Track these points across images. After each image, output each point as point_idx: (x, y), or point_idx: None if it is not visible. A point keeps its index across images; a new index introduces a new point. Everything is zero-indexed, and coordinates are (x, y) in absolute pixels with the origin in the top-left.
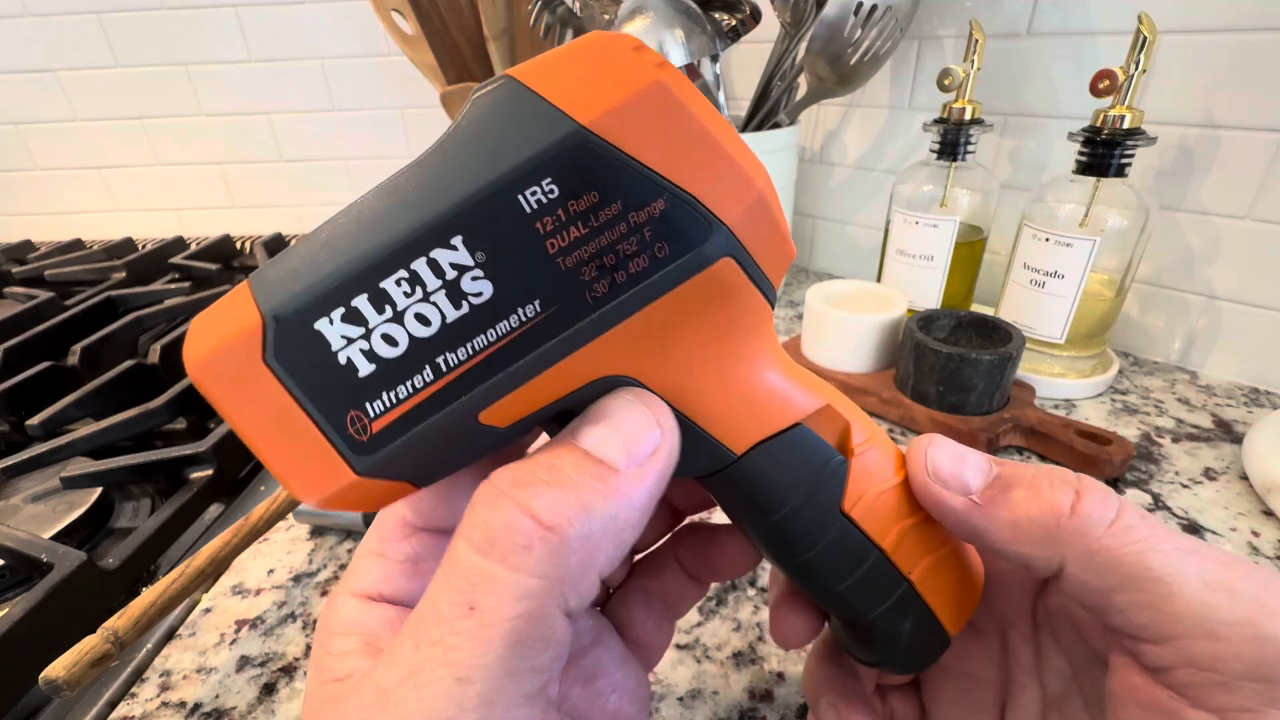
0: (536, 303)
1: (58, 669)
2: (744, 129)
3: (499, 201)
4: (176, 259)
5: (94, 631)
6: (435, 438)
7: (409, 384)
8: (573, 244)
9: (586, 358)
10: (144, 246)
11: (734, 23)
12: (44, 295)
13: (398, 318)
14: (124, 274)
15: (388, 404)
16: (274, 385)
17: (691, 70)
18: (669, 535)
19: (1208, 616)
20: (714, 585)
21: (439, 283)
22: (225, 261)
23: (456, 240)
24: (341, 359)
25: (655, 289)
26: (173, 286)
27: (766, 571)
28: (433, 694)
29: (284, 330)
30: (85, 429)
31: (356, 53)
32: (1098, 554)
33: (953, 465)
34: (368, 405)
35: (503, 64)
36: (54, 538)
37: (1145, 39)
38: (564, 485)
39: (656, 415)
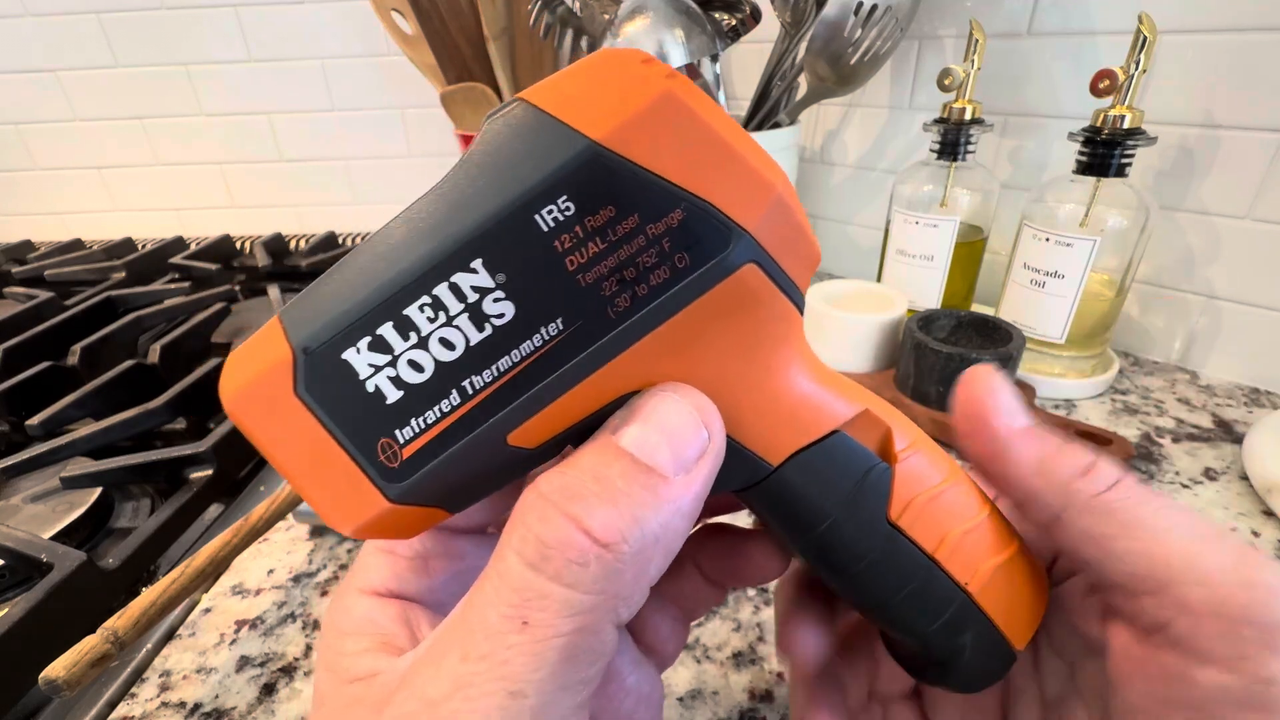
0: (559, 321)
1: (58, 669)
2: (744, 129)
3: (516, 222)
4: (176, 259)
5: (94, 631)
6: (465, 461)
7: (437, 409)
8: (592, 260)
9: (613, 373)
10: (144, 246)
11: (734, 22)
12: (44, 295)
13: (423, 343)
14: (124, 274)
15: (417, 430)
16: (306, 417)
17: (691, 70)
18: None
19: (1197, 564)
20: None
21: (461, 306)
22: (225, 261)
23: (476, 263)
24: (370, 387)
25: (678, 300)
26: (173, 286)
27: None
28: (485, 706)
29: (313, 362)
30: (85, 429)
31: (356, 53)
32: (1097, 506)
33: (1013, 399)
34: (397, 432)
35: (503, 64)
36: (54, 538)
37: (1145, 39)
38: (616, 498)
39: (703, 413)
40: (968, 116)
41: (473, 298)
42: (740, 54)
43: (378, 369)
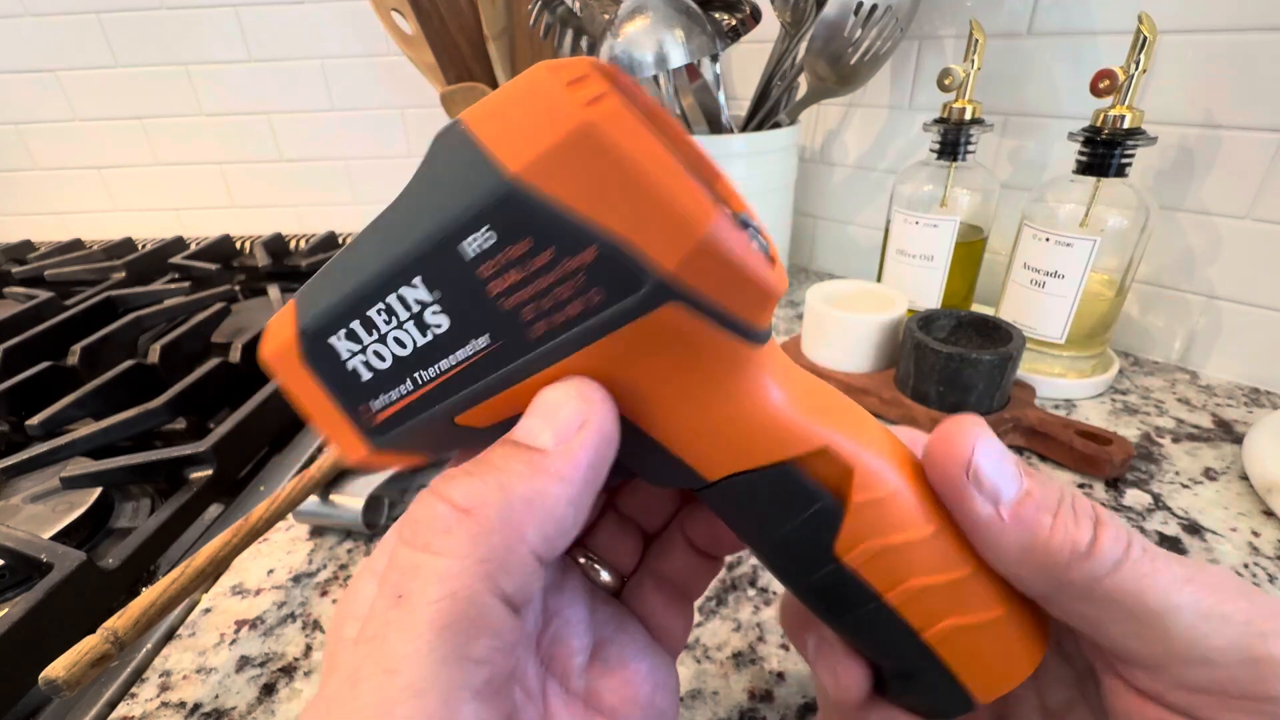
0: (486, 336)
1: (57, 669)
2: (744, 128)
3: (444, 249)
4: (176, 259)
5: (94, 631)
6: (426, 432)
7: (396, 390)
8: (511, 288)
9: (541, 381)
10: (144, 246)
11: (734, 22)
12: (44, 295)
13: (382, 340)
14: (124, 274)
15: (384, 403)
16: (311, 379)
17: (691, 70)
18: (675, 514)
19: (1200, 644)
20: (714, 585)
21: (408, 314)
22: (225, 261)
23: (417, 280)
24: (349, 367)
25: (593, 333)
26: (172, 286)
27: (766, 571)
28: (366, 690)
29: (308, 342)
30: (85, 429)
31: (356, 53)
32: (1097, 590)
33: (994, 469)
34: (370, 402)
35: (503, 64)
36: (54, 538)
37: (1145, 39)
38: (483, 472)
39: (584, 393)
40: (968, 116)
41: (415, 309)
42: (740, 54)
43: (353, 354)
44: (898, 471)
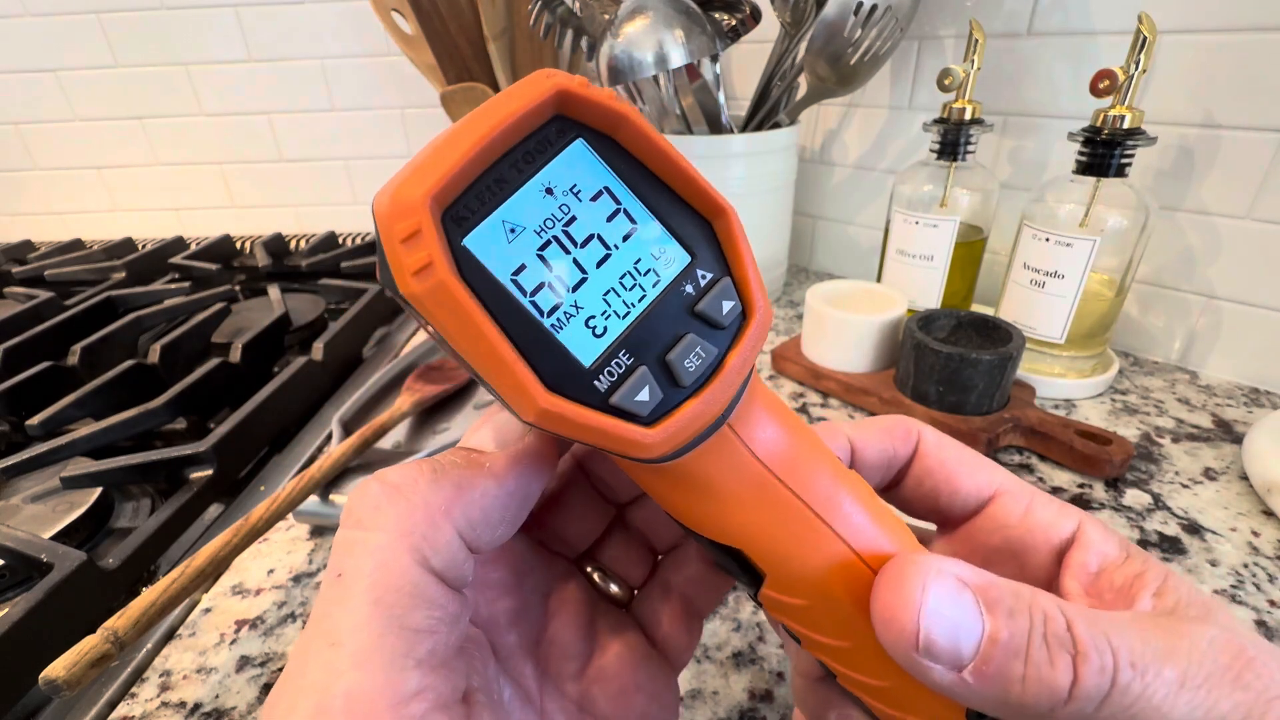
0: None
1: (58, 669)
2: (744, 128)
3: None
4: (176, 259)
5: (94, 631)
6: None
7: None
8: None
9: None
10: (144, 246)
11: (734, 22)
12: (44, 295)
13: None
14: (124, 274)
15: None
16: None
17: (691, 70)
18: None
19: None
20: None
21: None
22: (225, 261)
23: None
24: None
25: None
26: (172, 286)
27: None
28: (313, 666)
29: None
30: (85, 429)
31: (356, 53)
32: None
33: (949, 632)
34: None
35: (503, 64)
36: (54, 538)
37: (1145, 39)
38: (424, 461)
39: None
40: (968, 116)
41: None
42: (740, 54)
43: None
44: (827, 589)
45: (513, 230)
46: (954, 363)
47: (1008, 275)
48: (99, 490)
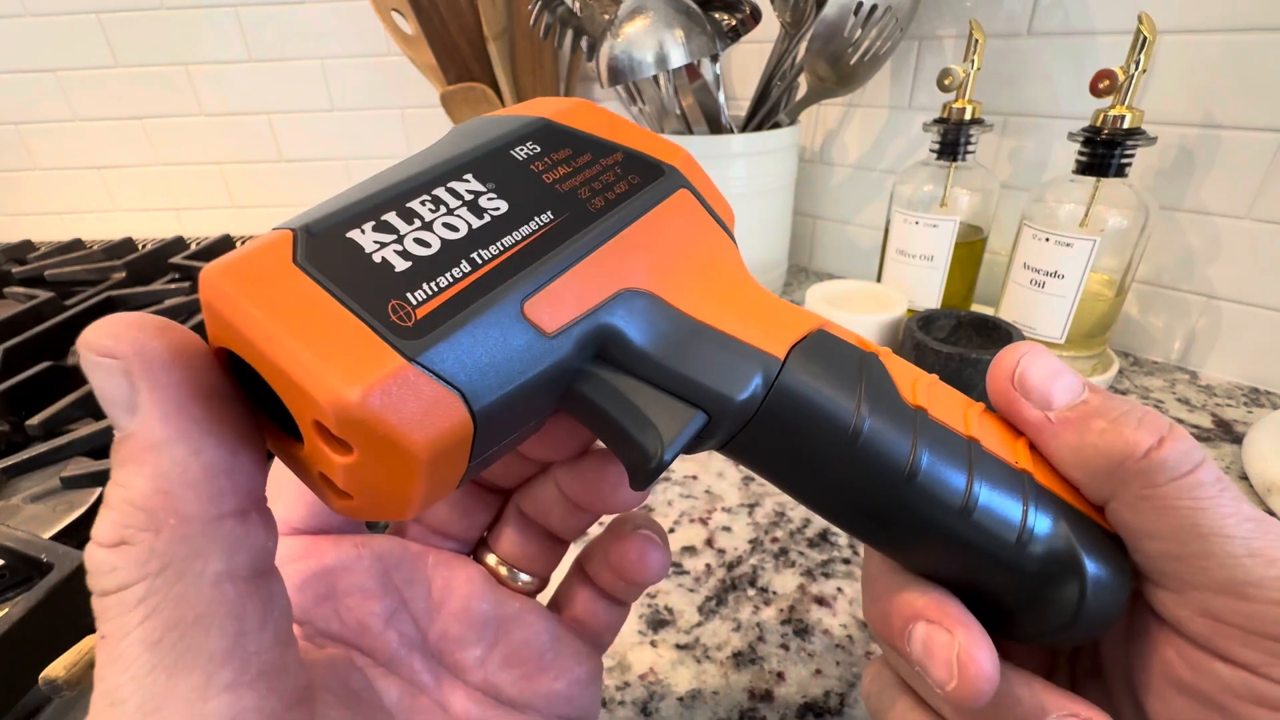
0: (549, 213)
1: (58, 669)
2: (744, 129)
3: (496, 154)
4: (176, 259)
5: (94, 632)
6: (484, 330)
7: (448, 274)
8: (563, 176)
9: (601, 262)
10: (144, 246)
11: (734, 22)
12: (44, 295)
13: (426, 226)
14: (124, 274)
15: (430, 292)
16: (305, 282)
17: (691, 70)
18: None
19: (1238, 578)
20: (713, 585)
21: (459, 202)
22: None
23: (468, 176)
24: (376, 259)
25: (640, 206)
26: (172, 286)
27: (766, 571)
28: None
29: (315, 238)
30: (85, 429)
31: (356, 53)
32: (1151, 499)
33: (1042, 379)
34: (409, 295)
35: (503, 64)
36: (54, 538)
37: (1145, 39)
38: (110, 496)
39: (111, 344)
40: (968, 116)
41: (469, 196)
42: (740, 54)
43: (383, 245)
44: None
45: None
46: (954, 363)
47: (1008, 275)
48: (99, 490)
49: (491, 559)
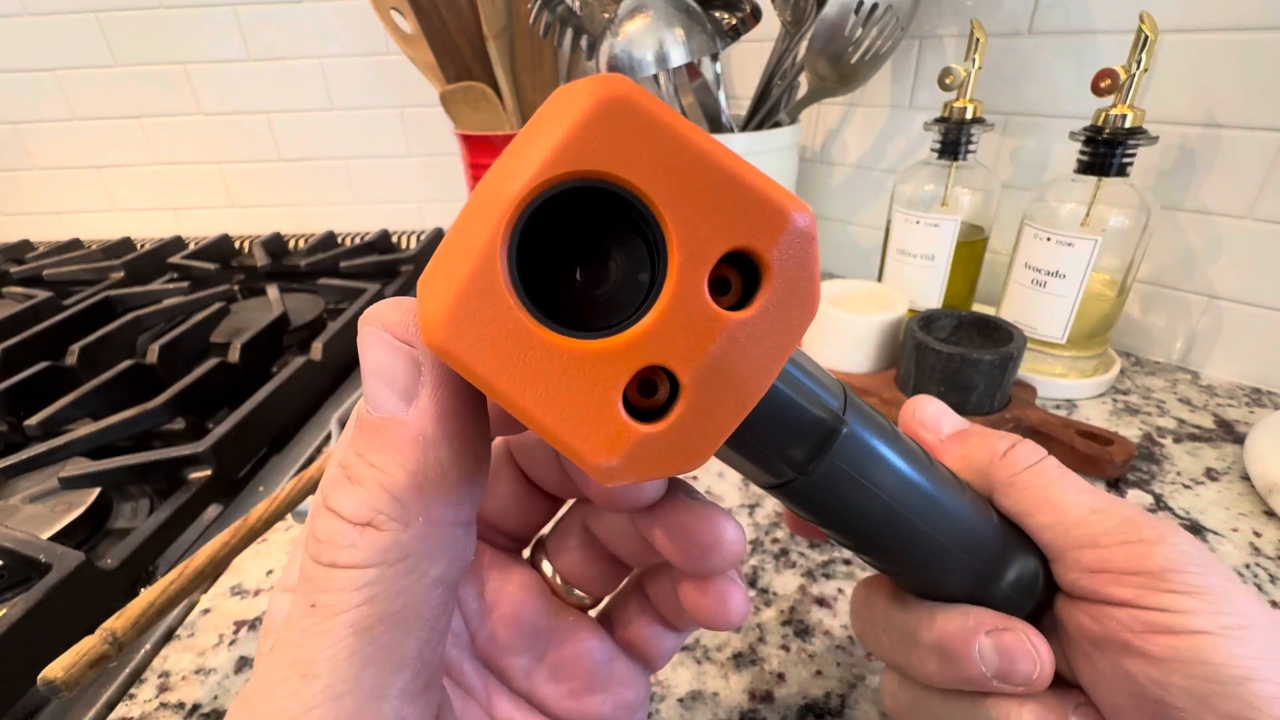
0: None
1: (56, 670)
2: (744, 128)
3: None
4: (175, 259)
5: (92, 632)
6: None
7: None
8: None
9: None
10: (142, 246)
11: (734, 21)
12: (42, 295)
13: None
14: (122, 274)
15: None
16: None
17: (691, 69)
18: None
19: (1091, 531)
20: None
21: None
22: (224, 261)
23: None
24: None
25: None
26: (171, 286)
27: (766, 572)
28: (281, 694)
29: None
30: (83, 429)
31: (356, 52)
32: (1015, 484)
33: (934, 416)
34: None
35: (503, 63)
36: (52, 538)
37: (1147, 38)
38: (359, 476)
39: (396, 331)
40: (968, 116)
41: None
42: (740, 53)
43: None
44: None
45: None
46: (955, 363)
47: (1009, 275)
48: (97, 490)
49: (547, 568)
